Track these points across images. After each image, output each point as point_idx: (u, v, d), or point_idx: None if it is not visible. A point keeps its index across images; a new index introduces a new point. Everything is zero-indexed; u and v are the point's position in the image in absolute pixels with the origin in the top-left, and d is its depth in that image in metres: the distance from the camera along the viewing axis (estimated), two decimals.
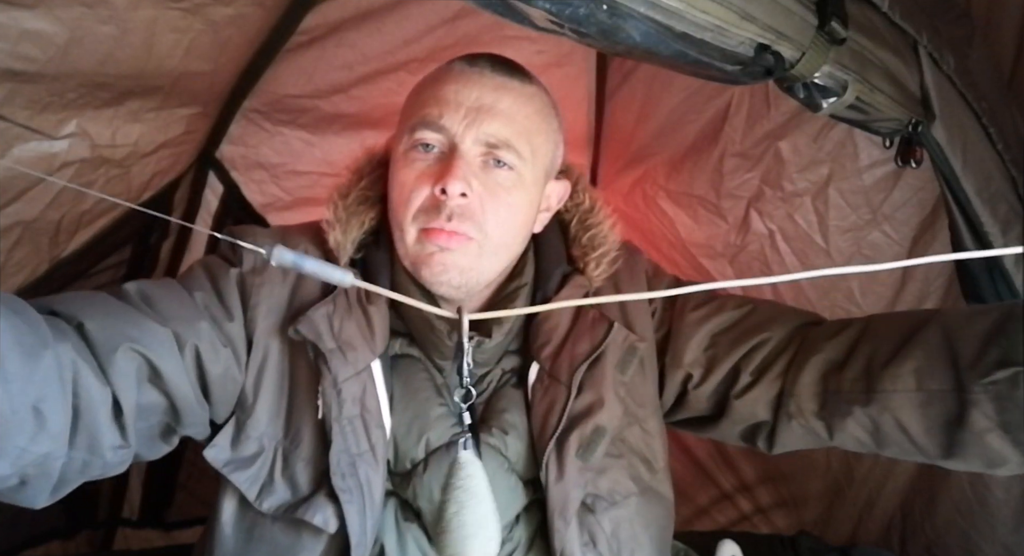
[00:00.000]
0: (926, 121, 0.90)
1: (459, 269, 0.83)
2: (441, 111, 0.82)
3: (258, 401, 0.85)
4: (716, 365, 0.92)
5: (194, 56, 1.01)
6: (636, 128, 1.67)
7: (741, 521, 1.69)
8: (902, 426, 0.78)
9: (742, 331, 0.93)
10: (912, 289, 1.31)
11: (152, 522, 1.69)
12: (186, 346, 0.78)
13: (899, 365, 0.78)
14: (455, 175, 0.80)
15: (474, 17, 1.44)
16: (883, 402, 0.78)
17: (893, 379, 0.78)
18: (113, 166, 1.06)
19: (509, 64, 0.88)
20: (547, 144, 0.89)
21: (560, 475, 0.83)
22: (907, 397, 0.77)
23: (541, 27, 0.60)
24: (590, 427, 0.85)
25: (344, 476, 0.79)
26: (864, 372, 0.81)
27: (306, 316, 0.83)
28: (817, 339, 0.87)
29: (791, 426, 0.87)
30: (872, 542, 1.45)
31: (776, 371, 0.89)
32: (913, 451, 0.80)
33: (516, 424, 0.88)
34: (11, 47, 0.75)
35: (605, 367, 0.88)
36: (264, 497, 0.82)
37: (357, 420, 0.82)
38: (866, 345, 0.83)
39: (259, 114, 1.46)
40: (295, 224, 0.99)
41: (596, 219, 0.97)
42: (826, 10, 0.73)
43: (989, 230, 0.97)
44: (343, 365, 0.82)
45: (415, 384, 0.88)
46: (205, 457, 0.83)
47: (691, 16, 0.62)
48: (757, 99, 1.40)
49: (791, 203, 1.40)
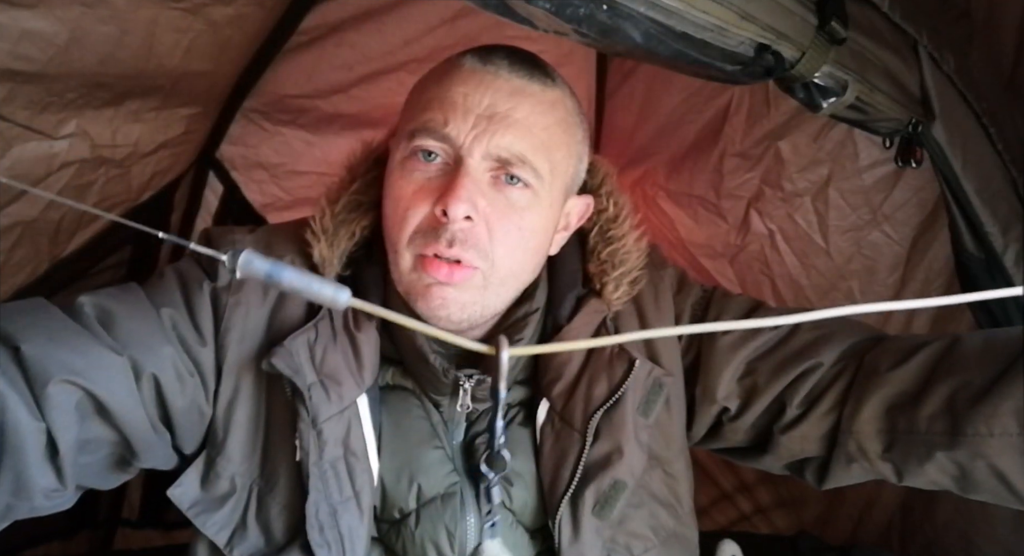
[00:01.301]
0: (926, 121, 0.90)
1: (460, 305, 0.72)
2: (446, 117, 0.70)
3: (229, 436, 0.74)
4: (755, 397, 0.80)
5: (194, 56, 1.01)
6: (636, 128, 1.67)
7: (741, 521, 1.68)
8: (1000, 474, 0.66)
9: (785, 357, 0.79)
10: (912, 289, 1.31)
11: (152, 522, 1.69)
12: (143, 376, 0.68)
13: (995, 404, 0.64)
14: (458, 196, 0.68)
15: (474, 17, 1.44)
16: (975, 447, 0.65)
17: (988, 420, 0.64)
18: (113, 166, 1.05)
19: (529, 61, 0.75)
20: (568, 159, 0.76)
21: (575, 536, 0.74)
22: (1007, 442, 0.64)
23: (542, 27, 0.60)
24: (607, 481, 0.75)
25: (322, 529, 0.69)
26: (946, 409, 0.67)
27: (282, 346, 0.71)
28: (880, 365, 0.73)
29: (850, 467, 0.76)
30: (872, 542, 1.44)
31: (829, 403, 0.76)
32: (1012, 501, 0.68)
33: (522, 472, 0.77)
34: (11, 47, 0.75)
35: (625, 411, 0.76)
36: (236, 543, 0.73)
37: (340, 463, 0.72)
38: (947, 375, 0.69)
39: (259, 114, 1.45)
40: (284, 223, 0.87)
41: (620, 231, 0.84)
42: (826, 10, 0.73)
43: (989, 230, 0.97)
44: (324, 403, 0.71)
45: (407, 422, 0.77)
46: (170, 497, 0.74)
47: (691, 16, 0.62)
48: (757, 99, 1.39)
49: (791, 203, 1.39)
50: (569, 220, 0.82)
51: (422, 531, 0.74)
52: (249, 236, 0.81)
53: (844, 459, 0.76)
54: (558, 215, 0.78)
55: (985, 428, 0.65)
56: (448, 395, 0.78)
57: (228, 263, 0.48)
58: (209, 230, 0.83)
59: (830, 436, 0.76)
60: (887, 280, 1.33)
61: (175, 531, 1.69)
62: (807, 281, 1.42)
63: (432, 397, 0.79)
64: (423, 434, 0.78)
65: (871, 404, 0.72)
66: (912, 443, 0.70)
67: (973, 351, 0.69)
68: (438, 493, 0.76)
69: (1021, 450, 0.63)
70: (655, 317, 0.84)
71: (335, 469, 0.71)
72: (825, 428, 0.76)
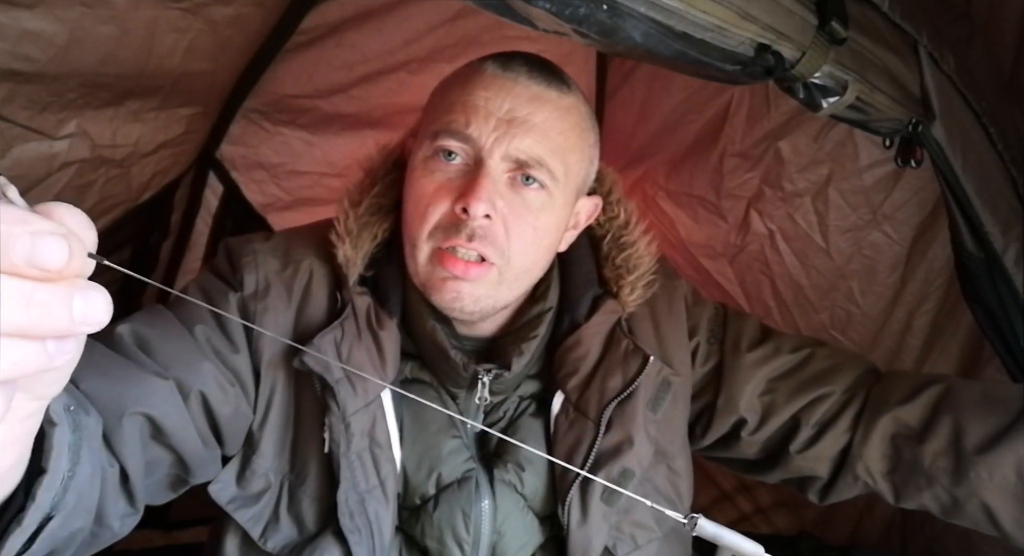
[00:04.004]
0: (926, 121, 0.90)
1: (473, 298, 0.77)
2: (468, 119, 0.74)
3: (264, 435, 0.79)
4: (773, 413, 0.88)
5: (194, 56, 1.01)
6: (636, 128, 1.67)
7: (741, 521, 1.68)
8: (989, 512, 0.78)
9: (803, 380, 0.88)
10: (912, 289, 1.31)
11: (152, 522, 1.69)
12: (190, 394, 0.73)
13: (1000, 455, 0.76)
14: (479, 196, 0.72)
15: (474, 17, 1.44)
16: (974, 487, 0.78)
17: (990, 468, 0.77)
18: (113, 166, 1.05)
19: (547, 69, 0.79)
20: (582, 162, 0.81)
21: (583, 519, 0.78)
22: (1004, 488, 0.77)
23: (541, 27, 0.60)
24: (617, 469, 0.79)
25: (352, 515, 0.74)
26: (951, 449, 0.79)
27: (312, 344, 0.76)
28: (887, 397, 0.85)
29: (855, 485, 0.86)
30: (872, 542, 1.45)
31: (841, 427, 0.85)
32: (992, 531, 0.80)
33: (533, 459, 0.81)
34: (11, 47, 0.75)
35: (637, 405, 0.81)
36: (269, 535, 0.77)
37: (366, 454, 0.76)
38: (950, 417, 0.81)
39: (259, 114, 1.45)
40: (299, 228, 0.92)
41: (632, 236, 0.89)
42: (826, 10, 0.72)
43: (989, 230, 0.97)
44: (351, 397, 0.76)
45: (427, 414, 0.81)
46: (209, 493, 0.78)
47: (691, 16, 0.62)
48: (757, 99, 1.39)
49: (791, 203, 1.39)
50: (579, 219, 0.87)
51: (440, 514, 0.79)
52: (266, 244, 0.85)
53: (851, 478, 0.85)
54: (569, 215, 0.83)
55: (987, 474, 0.77)
56: (465, 388, 0.83)
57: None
58: (229, 242, 0.87)
59: (840, 457, 0.86)
60: (887, 280, 1.33)
61: (175, 531, 1.69)
62: (807, 281, 1.42)
63: (450, 389, 0.84)
64: (441, 424, 0.82)
65: (879, 431, 0.83)
66: (916, 473, 0.81)
67: (972, 400, 0.81)
68: (455, 478, 0.80)
69: (1013, 494, 0.76)
70: (668, 322, 0.90)
71: (361, 459, 0.76)
72: (836, 450, 0.85)
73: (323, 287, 0.82)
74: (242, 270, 0.82)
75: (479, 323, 0.83)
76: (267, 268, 0.82)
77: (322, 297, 0.82)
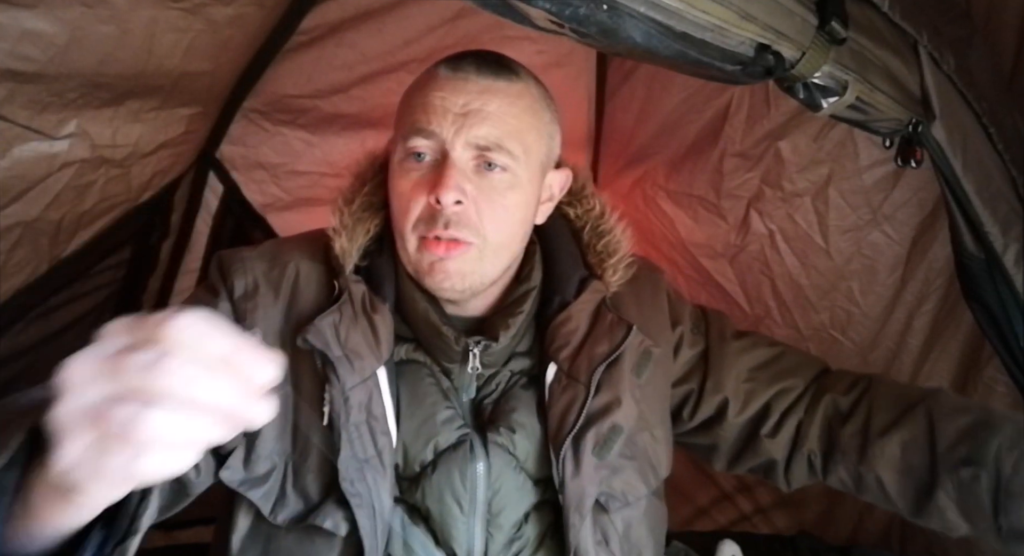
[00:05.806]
0: (926, 121, 0.90)
1: (460, 275, 0.84)
2: (430, 118, 0.82)
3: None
4: (752, 399, 0.99)
5: (194, 56, 1.01)
6: (636, 128, 1.67)
7: (741, 521, 1.69)
8: (881, 483, 0.92)
9: (777, 371, 1.00)
10: (912, 290, 1.31)
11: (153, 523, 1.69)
12: None
13: (891, 437, 0.91)
14: (447, 185, 0.80)
15: (474, 17, 1.44)
16: (871, 462, 0.92)
17: (882, 447, 0.91)
18: (113, 166, 1.06)
19: (494, 63, 0.86)
20: (540, 139, 0.88)
21: (576, 471, 0.84)
22: (891, 463, 0.91)
23: (541, 27, 0.60)
24: (607, 425, 0.86)
25: (353, 482, 0.80)
26: (861, 431, 0.93)
27: (313, 325, 0.83)
28: (827, 390, 0.98)
29: (803, 465, 0.98)
30: (872, 542, 1.45)
31: (798, 415, 0.98)
32: (885, 503, 0.94)
33: (525, 423, 0.88)
34: (11, 47, 0.75)
35: (623, 368, 0.89)
36: (278, 510, 0.83)
37: (363, 426, 0.82)
38: (866, 406, 0.95)
39: (259, 114, 1.46)
40: (291, 236, 0.98)
41: (608, 224, 0.98)
42: (826, 10, 0.72)
43: (989, 230, 0.97)
44: (350, 373, 0.82)
45: (422, 389, 0.88)
46: (220, 478, 0.84)
47: (691, 16, 0.62)
48: (757, 99, 1.39)
49: (791, 203, 1.39)
50: (552, 192, 0.95)
51: (438, 477, 0.85)
52: (254, 251, 0.92)
53: (801, 459, 0.97)
54: (539, 189, 0.91)
55: (879, 451, 0.91)
56: (458, 362, 0.90)
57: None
58: (219, 255, 0.93)
59: (792, 442, 0.98)
60: (887, 280, 1.33)
61: (176, 531, 1.69)
62: (807, 281, 1.42)
63: (443, 365, 0.91)
64: (436, 398, 0.88)
65: (819, 417, 0.97)
66: (835, 450, 0.95)
67: (887, 396, 0.95)
68: (451, 443, 0.86)
69: (898, 470, 0.90)
70: (650, 306, 0.99)
71: (359, 431, 0.82)
72: (791, 434, 0.98)
73: (312, 282, 0.89)
74: (232, 276, 0.88)
75: (470, 301, 0.90)
76: (255, 271, 0.89)
77: (312, 291, 0.88)
